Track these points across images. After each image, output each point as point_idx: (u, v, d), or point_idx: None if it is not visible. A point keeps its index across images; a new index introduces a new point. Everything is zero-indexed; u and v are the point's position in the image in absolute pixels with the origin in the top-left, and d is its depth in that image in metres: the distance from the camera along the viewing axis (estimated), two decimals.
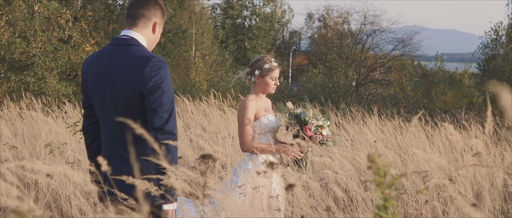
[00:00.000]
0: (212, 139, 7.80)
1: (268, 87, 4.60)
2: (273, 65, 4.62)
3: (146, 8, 3.40)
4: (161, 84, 3.21)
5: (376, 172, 2.31)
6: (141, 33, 3.40)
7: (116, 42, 3.38)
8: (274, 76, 4.61)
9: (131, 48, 3.32)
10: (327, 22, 34.38)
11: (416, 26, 31.41)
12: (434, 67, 24.54)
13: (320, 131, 4.56)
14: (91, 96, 3.40)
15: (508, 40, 23.86)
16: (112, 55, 3.33)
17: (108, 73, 3.30)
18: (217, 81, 23.95)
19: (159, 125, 3.16)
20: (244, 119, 4.46)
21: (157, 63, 3.25)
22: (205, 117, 10.60)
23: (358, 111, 13.22)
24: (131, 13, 3.41)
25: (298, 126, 4.59)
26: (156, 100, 3.18)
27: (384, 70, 30.86)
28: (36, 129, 8.68)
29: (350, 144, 7.28)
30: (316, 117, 4.65)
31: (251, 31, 35.16)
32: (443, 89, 22.64)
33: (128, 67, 3.26)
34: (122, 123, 3.10)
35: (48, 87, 15.65)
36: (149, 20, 3.40)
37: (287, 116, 4.72)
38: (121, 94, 3.25)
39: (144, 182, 2.59)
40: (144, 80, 3.20)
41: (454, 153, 6.69)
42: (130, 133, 3.09)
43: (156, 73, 3.22)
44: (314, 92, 25.35)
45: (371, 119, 10.38)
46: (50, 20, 16.40)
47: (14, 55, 15.61)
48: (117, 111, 3.27)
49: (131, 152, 3.19)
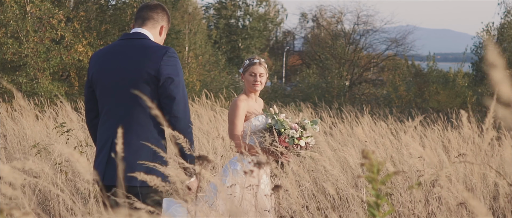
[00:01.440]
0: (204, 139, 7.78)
1: (249, 84, 4.62)
2: (252, 61, 4.64)
3: (155, 12, 3.70)
4: (178, 74, 3.49)
5: (369, 169, 2.29)
6: (150, 31, 3.67)
7: (127, 37, 3.63)
8: (253, 72, 4.61)
9: (143, 41, 3.58)
10: (320, 22, 34.38)
11: (410, 26, 31.49)
12: (426, 67, 24.60)
13: (297, 142, 4.48)
14: (96, 86, 3.59)
15: (500, 40, 23.94)
16: (123, 47, 3.58)
17: (119, 62, 3.52)
18: (210, 82, 23.92)
19: (177, 113, 3.41)
20: (234, 118, 4.46)
21: (174, 54, 3.53)
22: (198, 118, 10.57)
23: (351, 111, 13.22)
24: (141, 15, 3.69)
25: (273, 135, 4.51)
26: (174, 89, 3.43)
27: (377, 70, 30.91)
28: (27, 129, 8.63)
29: (338, 145, 7.27)
30: (303, 123, 4.57)
31: (245, 31, 35.14)
32: (436, 89, 22.69)
33: (143, 54, 3.49)
34: (131, 110, 3.41)
35: (40, 88, 15.58)
36: (157, 22, 3.70)
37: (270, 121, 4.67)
38: (134, 80, 3.45)
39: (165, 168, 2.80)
40: (162, 67, 3.43)
41: (447, 152, 6.70)
42: (138, 117, 3.41)
43: (173, 63, 3.49)
44: (308, 93, 25.36)
45: (363, 119, 10.38)
46: (42, 20, 16.33)
47: (6, 55, 15.53)
48: (126, 96, 3.46)
49: (141, 133, 3.42)
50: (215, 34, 33.60)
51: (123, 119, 3.47)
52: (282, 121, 4.52)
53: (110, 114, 3.53)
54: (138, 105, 3.46)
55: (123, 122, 3.45)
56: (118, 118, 3.49)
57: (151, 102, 2.51)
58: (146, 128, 3.45)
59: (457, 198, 3.14)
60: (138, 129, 3.44)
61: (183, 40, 25.86)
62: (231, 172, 4.24)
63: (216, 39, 33.95)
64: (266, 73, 4.69)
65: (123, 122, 3.45)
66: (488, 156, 4.43)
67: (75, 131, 5.22)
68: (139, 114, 3.46)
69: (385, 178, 2.33)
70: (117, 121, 3.48)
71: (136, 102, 3.44)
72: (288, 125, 4.51)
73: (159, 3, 3.78)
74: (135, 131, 3.43)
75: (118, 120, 3.48)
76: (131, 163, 3.35)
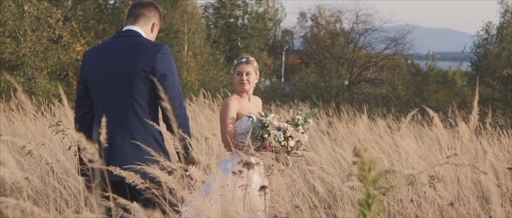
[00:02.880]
0: (198, 139, 7.76)
1: (237, 83, 4.63)
2: (239, 61, 4.66)
3: (147, 9, 3.78)
4: (173, 71, 3.58)
5: (361, 167, 2.27)
6: (142, 28, 3.75)
7: (120, 35, 3.72)
8: (240, 71, 4.63)
9: (136, 38, 3.67)
10: (319, 21, 34.36)
11: (409, 25, 31.47)
12: (425, 66, 24.58)
13: (286, 144, 4.44)
14: (91, 83, 3.64)
15: (499, 39, 23.94)
16: (117, 44, 3.66)
17: (114, 59, 3.60)
18: (209, 81, 23.90)
19: (173, 108, 3.48)
20: (225, 118, 4.47)
21: (167, 51, 3.62)
22: (196, 117, 10.56)
23: (349, 111, 13.20)
24: (133, 12, 3.78)
25: (259, 141, 4.45)
26: (169, 85, 3.52)
27: (376, 69, 30.88)
28: (24, 129, 8.62)
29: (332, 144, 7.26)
30: (295, 120, 4.53)
31: (244, 31, 35.11)
32: (435, 88, 22.68)
33: (137, 51, 3.57)
34: (128, 107, 3.51)
35: (38, 87, 15.56)
36: (149, 19, 3.77)
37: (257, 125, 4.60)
38: (129, 76, 3.53)
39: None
40: (157, 64, 3.52)
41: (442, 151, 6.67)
42: (134, 113, 3.51)
43: (167, 60, 3.57)
44: (306, 92, 25.34)
45: (361, 118, 10.37)
46: (40, 19, 16.30)
47: (3, 55, 15.51)
48: (122, 93, 3.54)
49: (137, 129, 3.52)
50: (214, 33, 33.57)
51: (121, 115, 3.55)
52: (267, 123, 4.43)
53: (107, 111, 3.56)
54: (135, 102, 3.54)
55: (121, 118, 3.54)
56: (115, 114, 3.55)
57: (147, 97, 2.55)
58: (143, 123, 3.54)
59: (444, 197, 3.13)
60: (136, 125, 3.53)
61: (182, 40, 25.84)
62: (222, 172, 4.23)
63: (215, 38, 33.92)
64: (255, 72, 4.66)
65: (121, 118, 3.54)
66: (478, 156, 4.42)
67: (70, 130, 5.21)
68: (137, 110, 3.54)
69: (377, 177, 2.31)
70: (115, 117, 3.54)
71: (133, 99, 3.53)
72: (274, 127, 4.44)
73: (151, 1, 3.86)
74: (134, 127, 3.53)
75: (116, 116, 3.55)
76: (134, 158, 3.47)
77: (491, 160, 3.40)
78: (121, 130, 3.55)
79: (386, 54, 30.36)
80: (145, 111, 3.54)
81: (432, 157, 4.97)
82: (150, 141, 3.53)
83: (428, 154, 5.09)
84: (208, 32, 32.40)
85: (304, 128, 4.59)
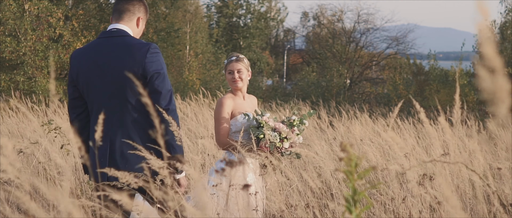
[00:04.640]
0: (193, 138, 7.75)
1: (229, 82, 4.60)
2: (229, 59, 4.63)
3: (131, 4, 3.73)
4: (162, 69, 3.57)
5: (347, 163, 2.24)
6: (128, 25, 3.70)
7: (106, 35, 3.66)
8: (230, 70, 4.60)
9: (124, 38, 3.62)
10: (321, 21, 34.33)
11: (410, 24, 31.43)
12: (427, 65, 24.53)
13: (280, 145, 4.41)
14: (84, 86, 3.62)
15: (501, 38, 23.88)
16: (105, 46, 3.61)
17: (103, 62, 3.56)
18: (210, 80, 23.88)
19: (165, 105, 3.52)
20: (220, 116, 4.44)
21: (156, 49, 3.59)
22: (194, 117, 10.54)
23: (350, 110, 13.17)
24: (117, 8, 3.73)
25: (254, 141, 4.43)
26: (160, 84, 3.53)
27: (378, 69, 30.85)
28: (22, 128, 8.62)
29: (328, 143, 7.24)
30: (290, 121, 4.49)
31: (246, 30, 35.07)
32: (437, 87, 22.63)
33: (126, 53, 3.54)
34: (121, 106, 3.51)
35: (38, 86, 15.57)
36: (133, 14, 3.72)
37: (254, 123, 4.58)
38: (120, 78, 3.51)
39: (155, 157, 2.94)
40: (147, 64, 3.51)
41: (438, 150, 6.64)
42: (130, 115, 3.51)
43: (157, 59, 3.56)
44: (307, 91, 25.31)
45: (361, 117, 10.34)
46: (41, 19, 16.31)
47: (4, 54, 15.52)
48: (115, 95, 3.54)
49: (133, 130, 3.53)
50: (216, 32, 33.54)
51: (114, 117, 3.54)
52: (263, 123, 4.40)
53: (102, 112, 3.51)
54: (129, 104, 3.53)
55: (115, 119, 3.54)
56: (112, 117, 3.54)
57: (143, 93, 2.54)
58: (137, 124, 3.54)
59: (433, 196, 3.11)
60: (131, 125, 3.53)
61: (184, 39, 25.83)
62: (216, 172, 4.20)
63: (218, 37, 33.90)
64: (246, 69, 4.63)
65: (115, 120, 3.54)
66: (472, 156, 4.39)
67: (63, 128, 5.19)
68: (130, 111, 3.54)
69: (362, 173, 2.28)
70: (112, 120, 3.53)
71: (127, 101, 3.53)
72: (269, 127, 4.41)
73: None
74: (130, 127, 3.53)
75: (112, 118, 3.54)
76: (131, 158, 3.49)
77: (479, 158, 3.38)
78: (119, 132, 3.55)
79: (388, 53, 30.33)
80: (141, 111, 3.53)
81: (425, 155, 4.94)
82: (146, 140, 3.53)
83: (422, 151, 5.06)
84: (210, 32, 32.37)
85: (300, 129, 4.56)
